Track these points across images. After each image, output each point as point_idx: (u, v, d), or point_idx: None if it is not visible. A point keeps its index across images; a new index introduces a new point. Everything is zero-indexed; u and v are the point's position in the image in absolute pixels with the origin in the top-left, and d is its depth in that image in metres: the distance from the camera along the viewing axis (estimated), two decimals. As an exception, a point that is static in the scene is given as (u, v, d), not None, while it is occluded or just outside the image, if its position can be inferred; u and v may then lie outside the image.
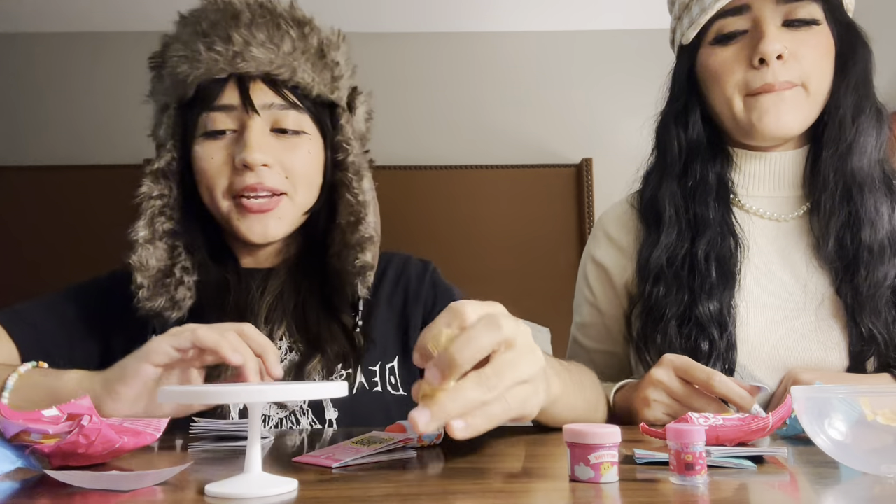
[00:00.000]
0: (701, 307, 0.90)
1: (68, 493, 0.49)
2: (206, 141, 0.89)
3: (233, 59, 0.86)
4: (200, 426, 0.73)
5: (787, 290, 0.94)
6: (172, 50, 0.89)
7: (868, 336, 0.87)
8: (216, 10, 0.89)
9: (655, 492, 0.48)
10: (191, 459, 0.62)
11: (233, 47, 0.86)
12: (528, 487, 0.51)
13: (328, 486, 0.52)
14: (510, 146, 3.41)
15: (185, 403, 0.72)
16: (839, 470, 0.55)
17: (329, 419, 0.87)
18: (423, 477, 0.56)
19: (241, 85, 0.87)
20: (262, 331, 0.89)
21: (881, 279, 0.88)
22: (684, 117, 1.00)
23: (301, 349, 0.90)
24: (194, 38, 0.88)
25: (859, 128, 0.93)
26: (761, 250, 0.96)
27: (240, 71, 0.87)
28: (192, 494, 0.48)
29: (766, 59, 0.89)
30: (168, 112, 0.92)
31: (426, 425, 0.46)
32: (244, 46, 0.86)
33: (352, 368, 0.89)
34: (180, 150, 0.91)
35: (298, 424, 0.87)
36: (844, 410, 0.52)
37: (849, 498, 0.49)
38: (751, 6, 0.92)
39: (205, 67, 0.86)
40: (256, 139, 0.86)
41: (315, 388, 0.52)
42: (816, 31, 0.92)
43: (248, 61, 0.86)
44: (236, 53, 0.86)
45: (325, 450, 0.63)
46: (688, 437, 0.49)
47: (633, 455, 0.59)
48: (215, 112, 0.88)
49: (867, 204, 0.91)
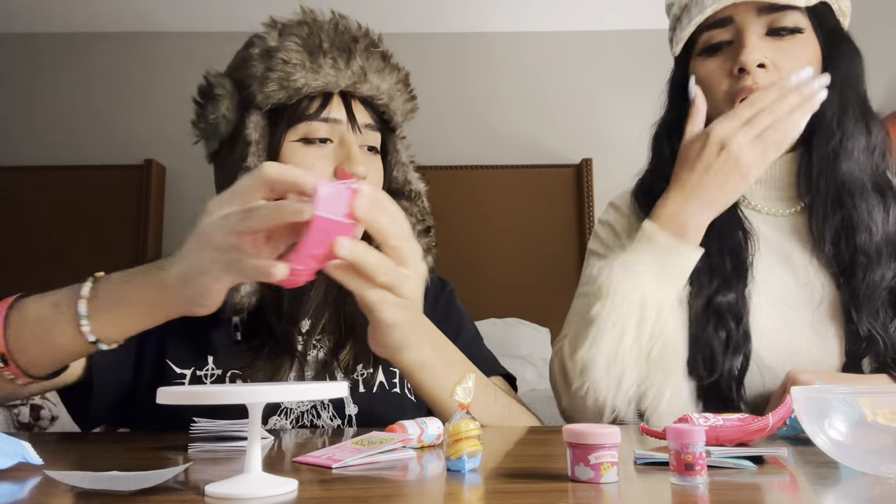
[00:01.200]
0: (720, 297, 0.91)
1: (68, 494, 0.49)
2: (305, 147, 0.91)
3: (352, 79, 0.92)
4: (200, 426, 0.73)
5: (786, 286, 0.94)
6: (284, 55, 0.90)
7: (866, 336, 0.87)
8: (331, 29, 0.94)
9: (655, 492, 0.48)
10: (191, 459, 0.62)
11: (352, 69, 0.92)
12: (528, 487, 0.51)
13: (328, 486, 0.52)
14: (510, 146, 3.41)
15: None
16: (839, 470, 0.55)
17: (349, 415, 0.91)
18: (422, 477, 0.56)
19: (345, 102, 0.93)
20: (306, 326, 0.96)
21: (878, 281, 0.89)
22: (679, 125, 1.01)
23: (331, 345, 0.95)
24: (314, 51, 0.91)
25: (845, 133, 0.94)
26: (768, 243, 0.97)
27: (358, 92, 0.93)
28: (192, 494, 0.48)
29: (747, 68, 0.91)
30: (259, 112, 0.92)
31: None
32: (362, 70, 0.93)
33: (372, 368, 0.94)
34: (267, 152, 0.93)
35: (319, 418, 0.90)
36: (844, 411, 0.52)
37: (849, 498, 0.49)
38: (734, 18, 0.94)
39: (324, 80, 0.90)
40: (360, 154, 0.92)
41: (315, 388, 0.52)
42: (801, 40, 0.94)
43: (363, 84, 0.93)
44: (356, 74, 0.93)
45: (325, 450, 0.63)
46: (688, 438, 0.49)
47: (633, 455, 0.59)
48: (320, 122, 0.91)
49: (860, 209, 0.92)
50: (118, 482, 0.50)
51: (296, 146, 0.90)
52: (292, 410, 0.90)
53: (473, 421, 0.56)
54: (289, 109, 0.91)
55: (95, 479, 0.50)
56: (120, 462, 0.62)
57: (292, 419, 0.90)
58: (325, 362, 0.94)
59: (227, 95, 0.92)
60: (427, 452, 0.65)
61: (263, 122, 0.91)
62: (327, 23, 0.94)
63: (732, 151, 0.85)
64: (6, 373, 0.69)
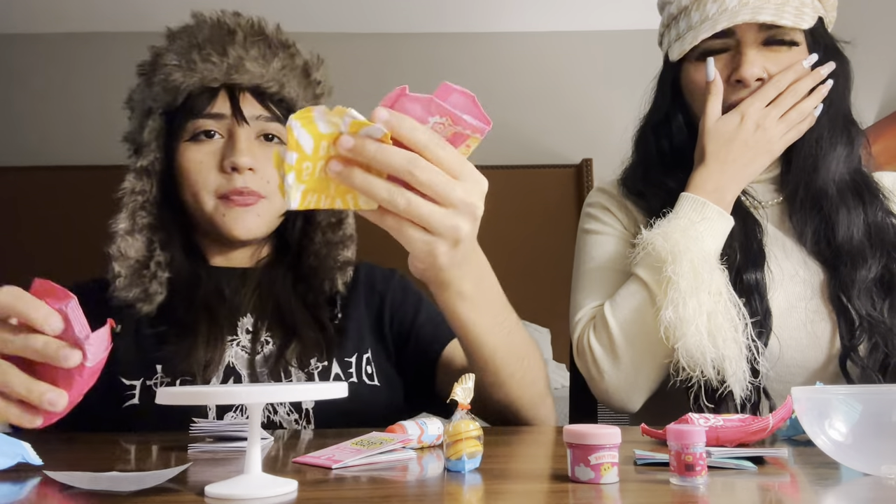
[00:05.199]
0: (747, 274, 0.93)
1: (68, 494, 0.49)
2: (194, 145, 0.95)
3: (228, 71, 0.94)
4: (200, 426, 0.73)
5: (786, 268, 0.96)
6: (165, 59, 0.96)
7: (860, 321, 0.90)
8: (211, 26, 0.97)
9: (655, 492, 0.48)
10: (191, 460, 0.62)
11: (228, 60, 0.94)
12: (528, 487, 0.51)
13: (328, 486, 0.52)
14: (510, 146, 3.41)
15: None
16: (839, 470, 0.55)
17: (306, 409, 0.91)
18: (423, 477, 0.56)
19: (231, 96, 0.95)
20: (248, 324, 0.95)
21: (864, 276, 0.92)
22: (668, 123, 1.05)
23: (278, 340, 0.95)
24: (189, 50, 0.95)
25: (827, 145, 0.97)
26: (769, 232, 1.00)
27: (233, 82, 0.94)
28: (192, 495, 0.48)
29: (745, 82, 0.95)
30: (153, 116, 0.98)
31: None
32: (239, 60, 0.94)
33: (326, 360, 0.94)
34: (163, 151, 0.97)
35: (275, 414, 0.90)
36: (844, 411, 0.52)
37: (849, 498, 0.49)
38: (735, 30, 0.96)
39: (199, 76, 0.94)
40: (246, 145, 0.93)
41: (315, 388, 0.52)
42: (796, 52, 0.97)
43: (242, 73, 0.94)
44: (231, 66, 0.94)
45: (325, 450, 0.63)
46: (688, 438, 0.49)
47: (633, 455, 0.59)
48: (206, 119, 0.94)
49: (839, 214, 0.95)
50: (118, 482, 0.50)
51: (187, 146, 0.95)
52: (244, 410, 0.89)
53: (473, 421, 0.56)
54: (179, 111, 0.95)
55: (95, 480, 0.50)
56: (120, 462, 0.62)
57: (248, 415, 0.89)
58: (276, 357, 0.92)
59: (136, 104, 1.00)
60: (427, 453, 0.65)
61: (159, 126, 0.97)
62: (209, 20, 0.97)
63: (767, 129, 0.93)
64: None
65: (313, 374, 0.93)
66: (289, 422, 0.89)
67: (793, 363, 0.92)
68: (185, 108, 0.95)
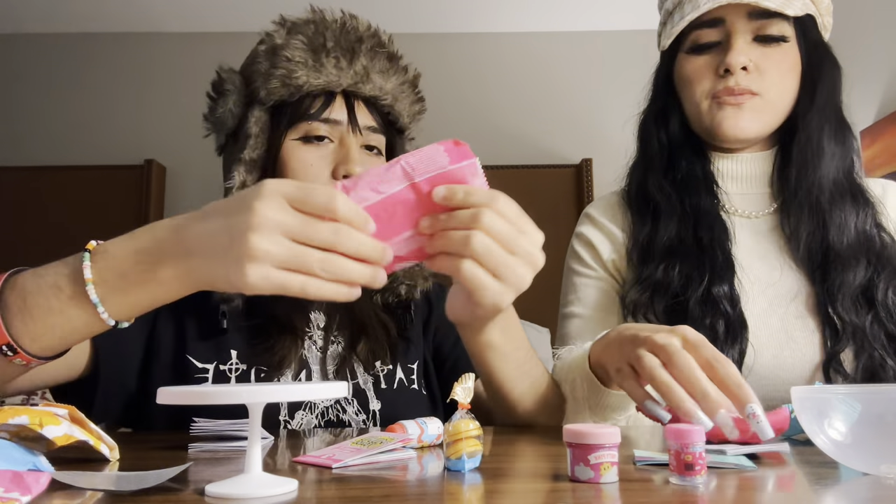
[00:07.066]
0: (715, 288, 0.93)
1: (68, 494, 0.49)
2: (304, 145, 0.92)
3: (354, 79, 0.93)
4: (200, 426, 0.73)
5: (765, 279, 0.97)
6: (288, 52, 0.91)
7: (843, 329, 0.90)
8: (338, 29, 0.94)
9: (655, 492, 0.49)
10: (191, 459, 0.62)
11: (355, 68, 0.93)
12: (528, 487, 0.51)
13: (328, 486, 0.52)
14: (510, 146, 3.41)
15: None
16: (839, 470, 0.55)
17: (373, 410, 0.93)
18: (422, 477, 0.56)
19: (348, 102, 0.93)
20: (321, 321, 0.96)
21: (851, 281, 0.92)
22: (664, 117, 1.07)
23: (347, 340, 0.96)
24: (317, 49, 0.92)
25: (821, 144, 0.98)
26: (745, 243, 1.01)
27: (360, 91, 0.93)
28: (192, 494, 0.48)
29: (731, 69, 0.96)
30: (259, 107, 0.93)
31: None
32: (365, 70, 0.93)
33: (391, 364, 0.96)
34: (267, 145, 0.94)
35: (344, 413, 0.91)
36: (844, 410, 0.52)
37: (849, 498, 0.49)
38: (724, 19, 0.98)
39: (325, 80, 0.91)
40: (359, 155, 0.93)
41: (315, 388, 0.52)
42: (784, 49, 0.98)
43: (366, 84, 0.94)
44: (358, 74, 0.93)
45: (325, 450, 0.63)
46: (688, 438, 0.49)
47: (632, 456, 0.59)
48: (321, 123, 0.92)
49: (833, 215, 0.96)
50: (118, 482, 0.50)
51: (295, 144, 0.92)
52: (317, 405, 0.91)
53: (473, 421, 0.56)
54: (291, 107, 0.92)
55: (96, 479, 0.50)
56: (120, 462, 0.62)
57: (317, 413, 0.91)
58: (343, 357, 0.94)
59: (235, 91, 0.94)
60: (427, 452, 0.65)
61: (265, 118, 0.93)
62: (334, 22, 0.95)
63: None
64: (17, 360, 0.63)
65: (378, 376, 0.95)
66: (357, 421, 0.91)
67: (770, 370, 0.92)
68: (299, 106, 0.92)
